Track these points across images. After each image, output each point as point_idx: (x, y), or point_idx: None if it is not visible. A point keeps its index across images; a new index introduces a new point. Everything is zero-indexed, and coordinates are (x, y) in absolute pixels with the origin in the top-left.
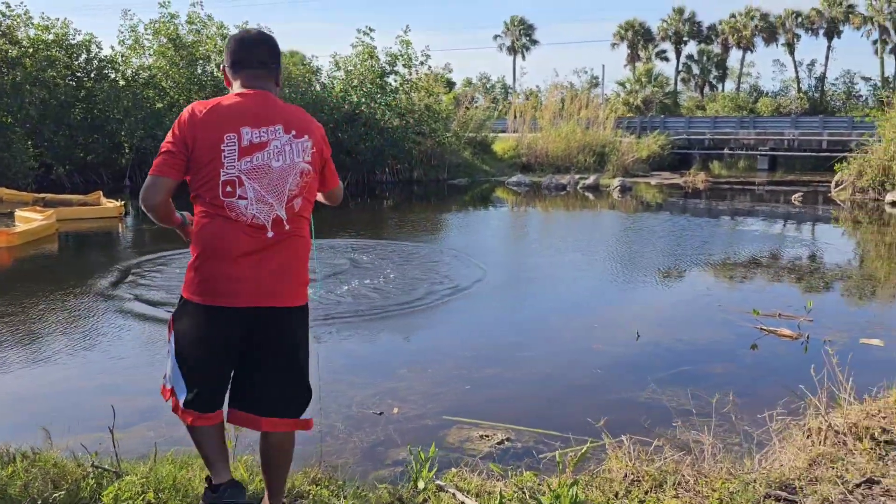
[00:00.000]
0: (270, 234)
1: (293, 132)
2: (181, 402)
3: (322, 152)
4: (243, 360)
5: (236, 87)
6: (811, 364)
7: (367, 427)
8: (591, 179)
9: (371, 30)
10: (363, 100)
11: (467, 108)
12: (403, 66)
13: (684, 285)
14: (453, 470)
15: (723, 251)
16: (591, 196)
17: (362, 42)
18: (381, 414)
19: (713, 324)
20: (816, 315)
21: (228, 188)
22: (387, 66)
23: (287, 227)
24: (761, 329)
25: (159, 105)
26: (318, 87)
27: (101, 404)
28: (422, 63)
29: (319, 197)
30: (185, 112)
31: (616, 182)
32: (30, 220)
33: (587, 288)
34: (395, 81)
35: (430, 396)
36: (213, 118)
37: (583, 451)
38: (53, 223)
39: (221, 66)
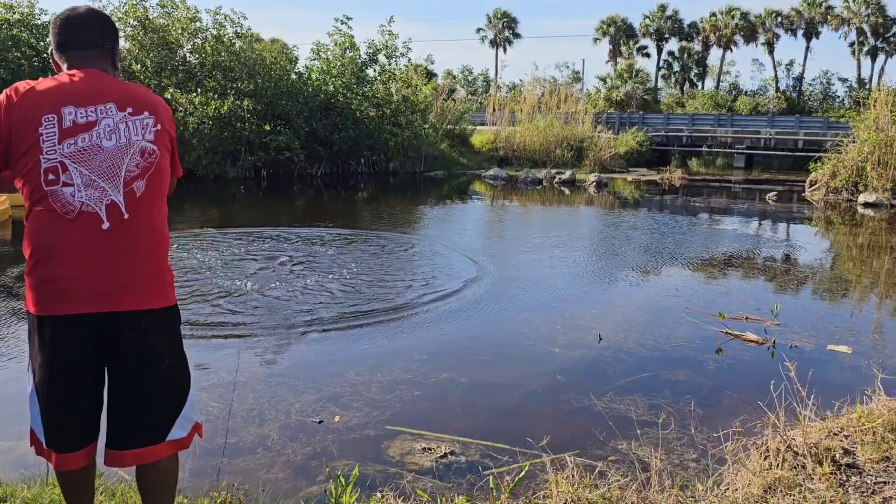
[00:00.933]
0: (106, 224)
1: (129, 109)
2: (43, 441)
3: (170, 133)
4: (104, 382)
5: (64, 70)
6: (775, 372)
7: (304, 437)
8: (567, 174)
9: (348, 18)
10: (339, 89)
11: (445, 99)
12: (385, 56)
13: (653, 285)
14: (378, 495)
15: (695, 250)
16: (566, 191)
17: (339, 31)
18: (320, 422)
19: (679, 326)
20: (784, 318)
21: (51, 175)
22: (367, 58)
23: (126, 215)
24: (727, 333)
25: None
26: (293, 76)
27: None
28: (402, 54)
29: None
30: (2, 96)
31: (592, 177)
32: None
33: (553, 286)
34: (374, 71)
35: (375, 403)
36: (29, 100)
37: (520, 475)
38: (7, 209)
39: (49, 51)
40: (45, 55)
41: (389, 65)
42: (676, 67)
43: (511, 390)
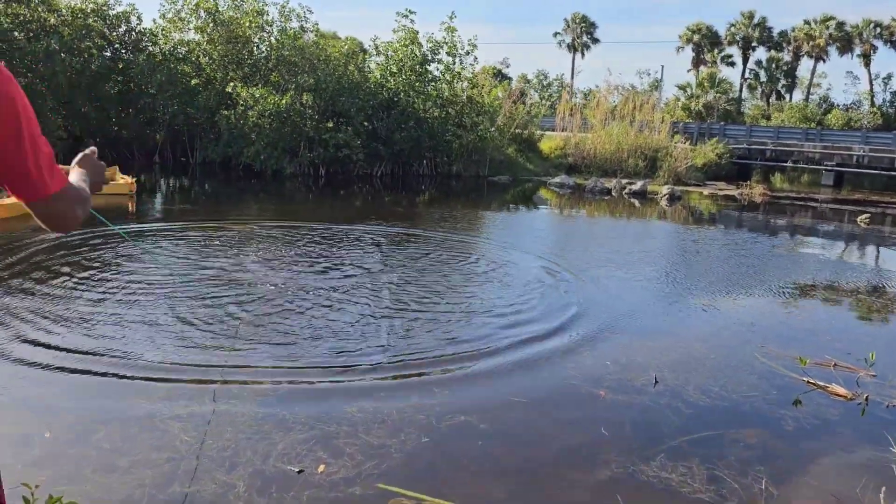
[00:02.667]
0: None
1: None
2: None
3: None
4: None
5: None
6: (868, 438)
7: (276, 491)
8: (638, 185)
9: (411, 12)
10: (402, 86)
11: (515, 102)
12: (447, 54)
13: (724, 317)
14: None
15: (775, 276)
16: (636, 203)
17: (403, 27)
18: (300, 472)
19: (751, 370)
20: (882, 369)
21: None
22: (429, 54)
23: None
24: (809, 383)
25: (194, 81)
26: (354, 71)
27: None
28: (467, 52)
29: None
30: None
31: (665, 189)
32: None
33: (608, 312)
34: (438, 70)
35: (372, 451)
36: None
37: None
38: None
39: None
40: (117, 45)
41: (454, 63)
42: (763, 77)
43: (541, 444)
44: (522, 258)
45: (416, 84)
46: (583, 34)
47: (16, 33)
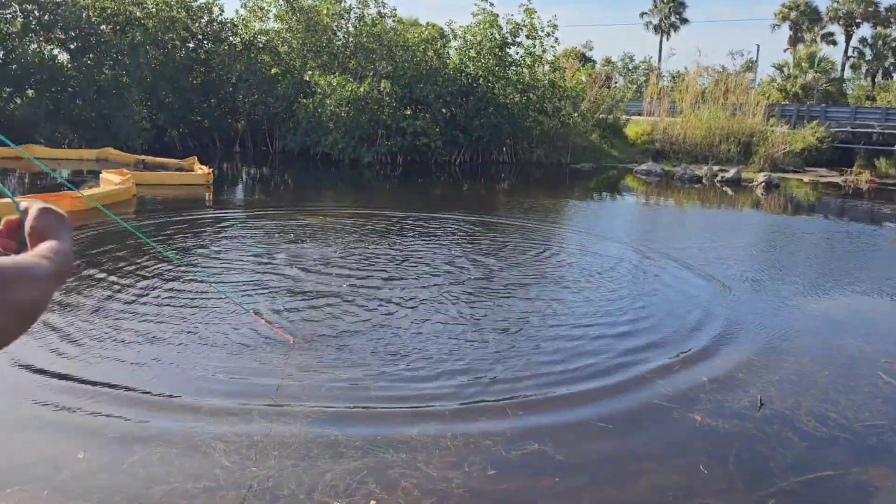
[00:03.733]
0: None
1: None
2: None
3: None
4: None
5: None
6: None
7: None
8: (731, 172)
9: None
10: (481, 72)
11: (600, 87)
12: (527, 37)
13: (835, 322)
14: None
15: (891, 273)
16: (730, 191)
17: (482, 10)
18: None
19: (875, 391)
20: None
21: None
22: (509, 36)
23: None
24: None
25: (274, 71)
26: (433, 57)
27: None
28: (548, 34)
29: None
30: None
31: (761, 177)
32: (110, 182)
33: (702, 319)
34: (518, 54)
35: (431, 485)
36: None
37: None
38: (130, 188)
39: None
40: (200, 36)
41: (534, 46)
42: (868, 56)
43: (625, 482)
44: (605, 252)
45: (496, 69)
46: (671, 14)
47: (103, 27)
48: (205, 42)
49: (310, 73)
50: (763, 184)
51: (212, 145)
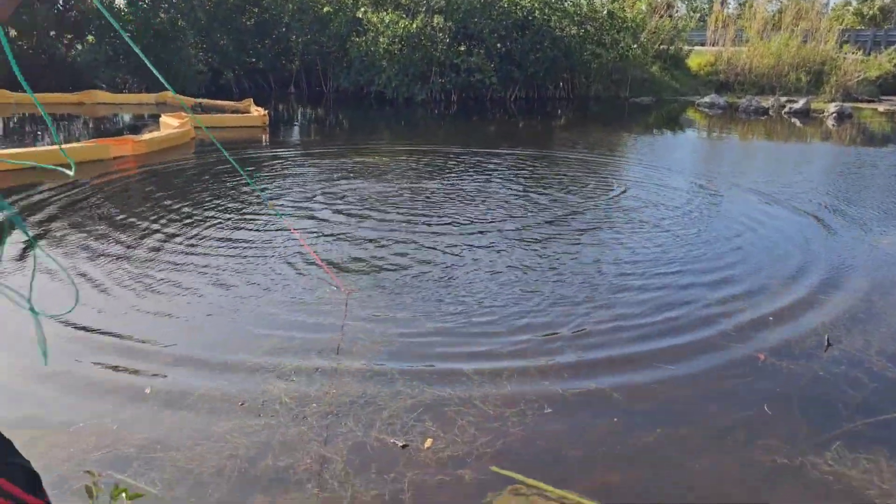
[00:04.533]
0: None
1: None
2: None
3: None
4: None
5: None
6: None
7: (375, 470)
8: (800, 103)
9: None
10: (537, 4)
11: (661, 16)
12: None
13: None
14: None
15: None
16: (798, 122)
17: None
18: (404, 447)
19: None
20: None
21: None
22: None
23: None
24: None
25: (326, 9)
26: None
27: None
28: None
29: None
30: None
31: (832, 107)
32: (169, 126)
33: (767, 254)
34: None
35: (489, 424)
36: None
37: None
38: (189, 131)
39: None
40: (265, 17)
41: None
42: None
43: (687, 422)
44: (668, 187)
45: (552, 0)
46: None
47: None
48: None
49: (362, 10)
50: (834, 114)
51: (266, 87)
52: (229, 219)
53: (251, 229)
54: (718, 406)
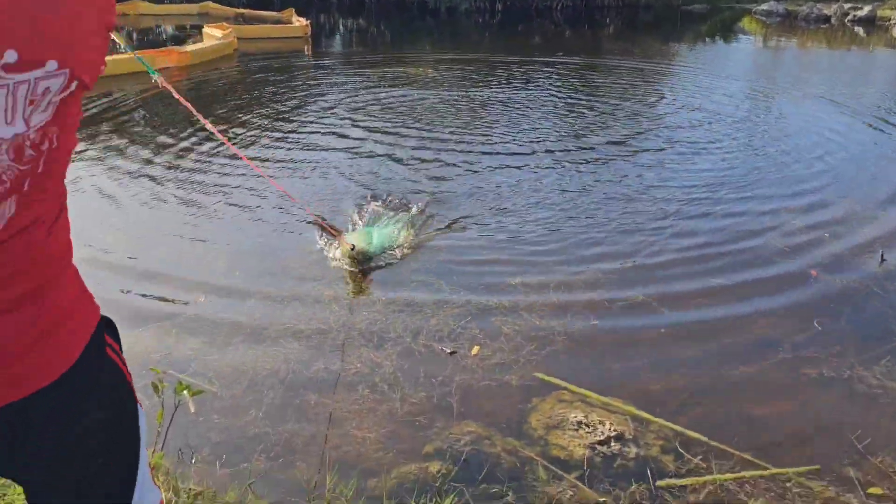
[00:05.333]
0: None
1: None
2: None
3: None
4: None
5: None
6: None
7: (423, 376)
8: (865, 10)
9: None
10: None
11: None
12: None
13: None
14: None
15: None
16: (861, 32)
17: None
18: (452, 353)
19: None
20: None
21: None
22: None
23: None
24: None
25: None
26: None
27: None
28: None
29: None
30: None
31: None
32: (212, 37)
33: (824, 168)
34: None
35: (534, 332)
36: None
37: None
38: (231, 42)
39: None
40: None
41: None
42: None
43: (734, 334)
44: (721, 99)
45: None
46: None
47: None
48: None
49: None
50: None
51: None
52: (284, 127)
53: (307, 134)
54: (767, 319)
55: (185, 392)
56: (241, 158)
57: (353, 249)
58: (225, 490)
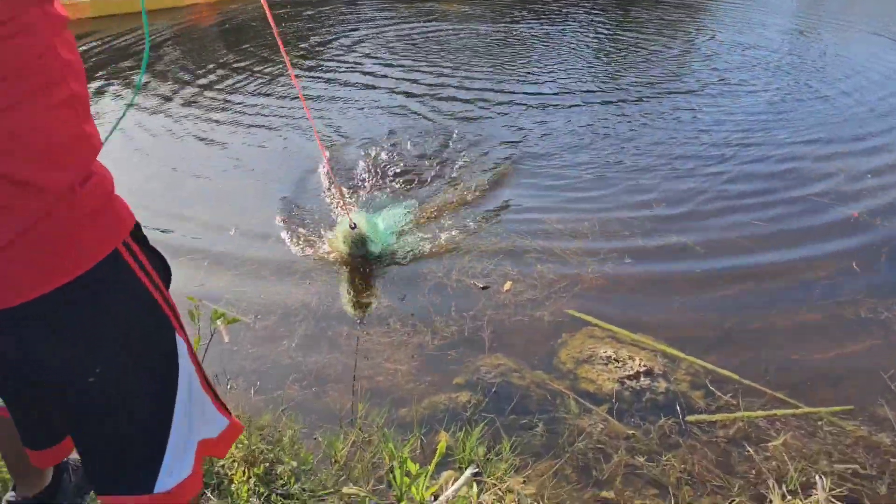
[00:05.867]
0: None
1: None
2: None
3: None
4: None
5: None
6: None
7: (456, 310)
8: None
9: None
10: None
11: None
12: None
13: None
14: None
15: None
16: None
17: None
18: (485, 288)
19: None
20: None
21: None
22: None
23: None
24: None
25: None
26: None
27: None
28: None
29: None
30: None
31: None
32: None
33: (864, 110)
34: None
35: (566, 270)
36: None
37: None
38: None
39: None
40: None
41: None
42: None
43: (771, 277)
44: (774, 36)
45: None
46: None
47: None
48: None
49: None
50: None
51: None
52: (316, 66)
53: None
54: (804, 262)
55: (220, 320)
56: (298, 98)
57: (353, 228)
58: (260, 415)
